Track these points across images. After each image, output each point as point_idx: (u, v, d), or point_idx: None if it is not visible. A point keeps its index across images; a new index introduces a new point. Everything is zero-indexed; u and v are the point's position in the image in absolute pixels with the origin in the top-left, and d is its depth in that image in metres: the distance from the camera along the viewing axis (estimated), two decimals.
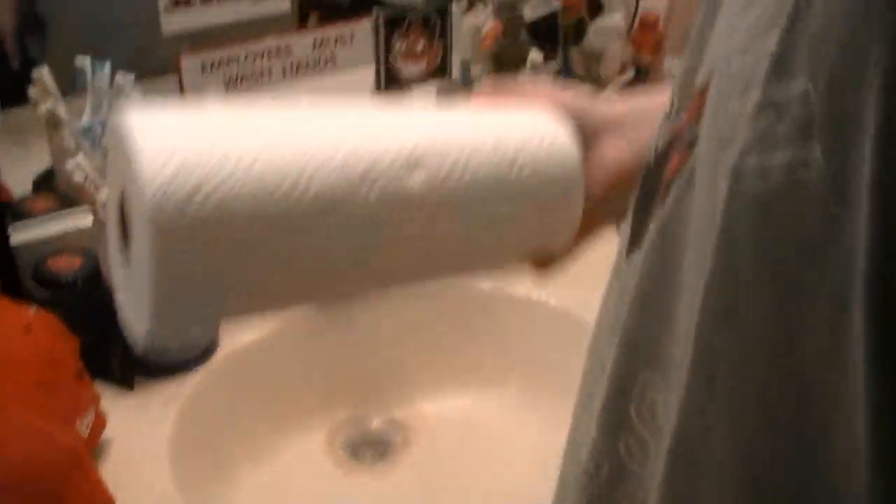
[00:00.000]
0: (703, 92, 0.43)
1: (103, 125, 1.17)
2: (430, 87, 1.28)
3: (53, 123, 1.05)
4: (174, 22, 1.07)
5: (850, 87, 0.35)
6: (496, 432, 1.19)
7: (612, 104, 0.73)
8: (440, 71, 1.25)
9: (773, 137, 0.37)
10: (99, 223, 1.02)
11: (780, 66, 0.37)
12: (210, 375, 1.06)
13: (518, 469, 1.13)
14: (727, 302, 0.40)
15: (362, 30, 1.17)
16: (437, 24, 1.22)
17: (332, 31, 1.14)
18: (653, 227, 0.47)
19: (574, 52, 1.37)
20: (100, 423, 0.96)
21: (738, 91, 0.39)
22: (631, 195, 0.53)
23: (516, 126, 0.62)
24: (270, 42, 1.12)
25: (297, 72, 1.14)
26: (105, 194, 1.00)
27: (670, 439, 0.45)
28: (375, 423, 1.18)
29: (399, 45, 1.20)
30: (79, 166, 1.02)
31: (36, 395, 0.92)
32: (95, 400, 0.97)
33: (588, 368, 0.57)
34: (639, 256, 0.49)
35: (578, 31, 1.36)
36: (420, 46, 1.22)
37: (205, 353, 1.08)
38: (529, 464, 1.13)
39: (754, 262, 0.39)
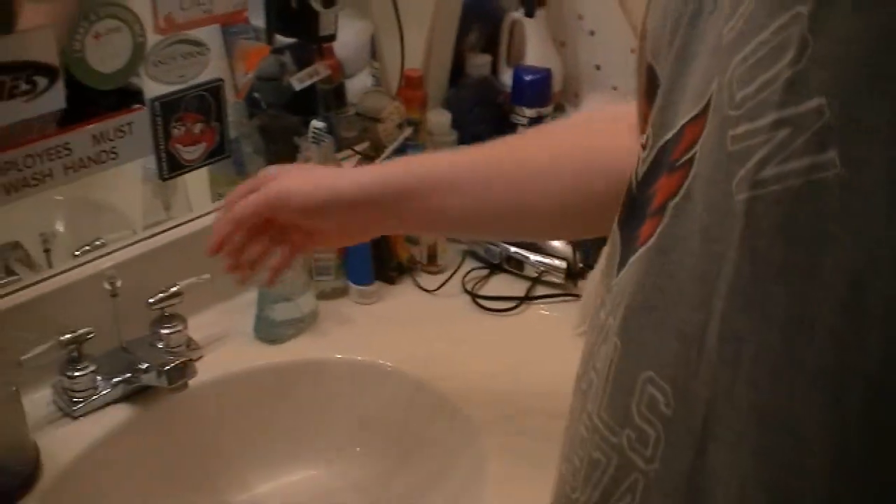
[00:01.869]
0: (693, 122, 0.51)
1: None
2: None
3: None
4: None
5: (866, 98, 0.42)
6: (339, 501, 1.21)
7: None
8: (220, 150, 1.24)
9: (791, 148, 0.44)
10: None
11: (793, 88, 0.44)
12: (39, 503, 1.01)
13: None
14: (752, 289, 0.47)
15: (140, 119, 1.14)
16: (210, 104, 1.21)
17: (110, 123, 1.11)
18: (651, 243, 0.54)
19: (344, 116, 1.40)
20: None
21: (746, 116, 0.46)
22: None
23: None
24: (48, 142, 1.07)
25: (79, 169, 1.10)
26: None
27: (700, 422, 0.51)
28: None
29: (177, 129, 1.18)
30: None
31: None
32: None
33: (581, 379, 0.63)
34: (631, 269, 0.56)
35: (338, 94, 1.39)
36: (198, 128, 1.21)
37: (26, 481, 1.02)
38: None
39: (777, 252, 0.46)
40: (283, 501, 1.22)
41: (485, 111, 1.60)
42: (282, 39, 1.41)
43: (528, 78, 1.58)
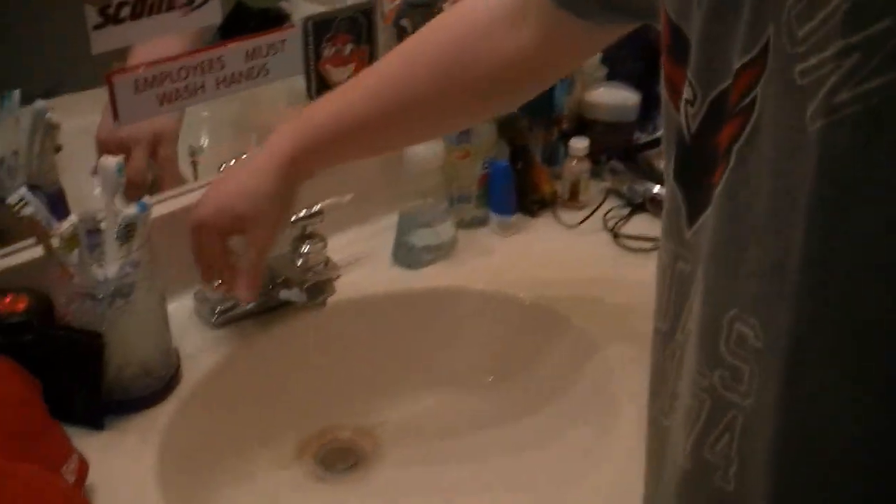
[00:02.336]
0: (748, 68, 0.53)
1: (16, 155, 1.12)
2: None
3: None
4: (104, 40, 1.03)
5: None
6: (468, 432, 1.22)
7: None
8: None
9: (864, 71, 0.45)
10: (52, 257, 0.98)
11: (856, 15, 0.45)
12: (180, 406, 1.06)
13: (494, 464, 1.17)
14: (833, 214, 0.48)
15: (293, 38, 1.15)
16: (362, 25, 1.21)
17: (264, 40, 1.12)
18: (719, 189, 0.56)
19: None
20: (83, 468, 0.94)
21: (811, 50, 0.48)
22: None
23: None
24: (202, 56, 1.08)
25: (230, 84, 1.12)
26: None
27: (785, 347, 0.52)
28: (345, 433, 1.20)
29: (328, 50, 1.19)
30: (25, 198, 0.97)
31: (18, 445, 0.89)
32: (72, 444, 0.94)
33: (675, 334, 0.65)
34: (707, 220, 0.58)
35: None
36: (348, 50, 1.21)
37: (168, 384, 1.05)
38: (504, 457, 1.17)
39: (859, 172, 0.47)
40: (410, 427, 1.23)
41: (636, 49, 1.56)
42: None
43: None
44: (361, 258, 1.30)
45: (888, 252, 0.47)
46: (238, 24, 1.25)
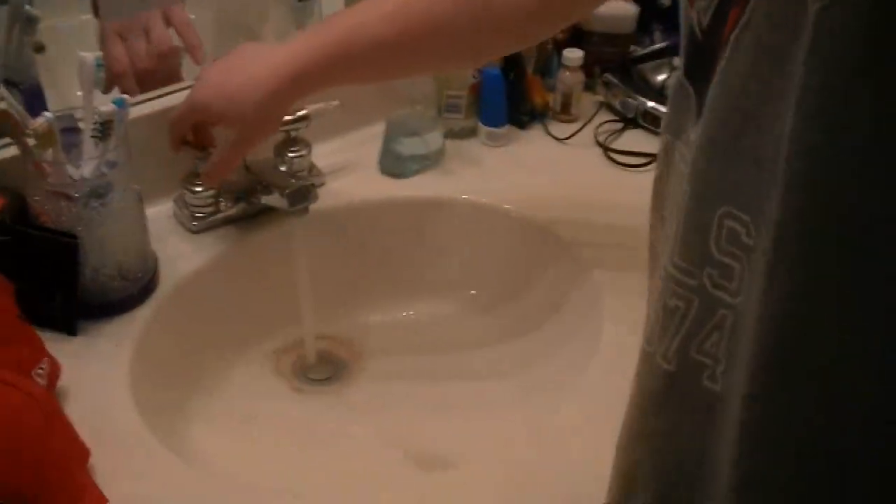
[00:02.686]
0: None
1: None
2: None
3: None
4: None
5: None
6: (449, 345, 1.22)
7: None
8: None
9: None
10: (27, 154, 0.95)
11: None
12: (156, 311, 1.05)
13: (473, 378, 1.17)
14: (825, 97, 0.46)
15: None
16: None
17: None
18: (715, 79, 0.54)
19: None
20: (55, 371, 0.93)
21: None
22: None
23: None
24: None
25: None
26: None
27: (772, 240, 0.50)
28: (324, 343, 1.19)
29: None
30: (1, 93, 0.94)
31: None
32: (44, 347, 0.93)
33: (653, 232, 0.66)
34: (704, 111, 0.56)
35: None
36: None
37: (145, 289, 1.04)
38: (484, 371, 1.16)
39: (855, 53, 0.45)
40: (390, 339, 1.22)
41: None
42: None
43: None
44: (347, 166, 1.27)
45: (884, 146, 0.46)
46: None
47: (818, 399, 0.53)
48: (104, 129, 0.96)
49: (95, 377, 0.95)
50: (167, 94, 1.17)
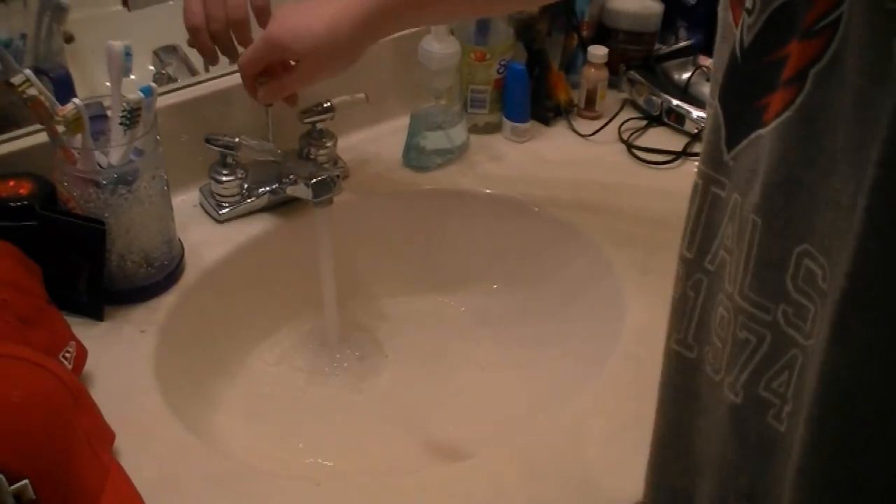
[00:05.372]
0: None
1: (24, 39, 1.10)
2: None
3: None
4: None
5: None
6: (471, 335, 1.23)
7: None
8: None
9: None
10: (56, 141, 0.96)
11: None
12: (181, 298, 1.06)
13: (496, 364, 1.18)
14: None
15: None
16: None
17: None
18: (790, 114, 0.52)
19: None
20: (81, 356, 0.94)
21: None
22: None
23: None
24: None
25: None
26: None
27: (842, 290, 0.49)
28: (346, 330, 1.19)
29: None
30: (29, 79, 0.95)
31: (17, 329, 0.88)
32: (71, 331, 0.94)
33: (701, 258, 0.63)
34: (765, 143, 0.54)
35: None
36: None
37: (170, 276, 1.05)
38: (504, 357, 1.18)
39: None
40: (412, 324, 1.23)
41: None
42: None
43: None
44: (372, 158, 1.28)
45: None
46: None
47: (880, 454, 0.52)
48: (132, 116, 0.97)
49: (120, 362, 0.96)
50: (192, 85, 1.18)
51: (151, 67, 1.23)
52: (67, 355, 0.91)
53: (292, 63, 1.04)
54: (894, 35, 0.44)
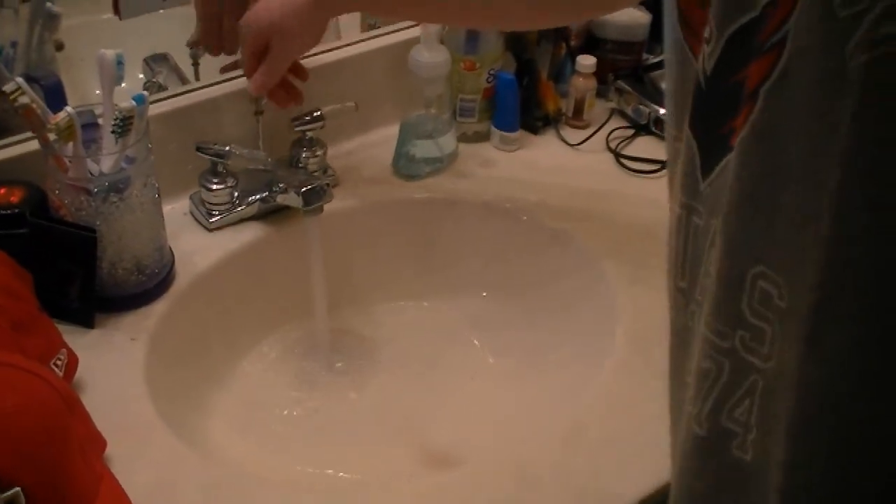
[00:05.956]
0: (773, 3, 0.49)
1: (15, 46, 1.10)
2: None
3: None
4: None
5: None
6: (461, 342, 1.23)
7: None
8: None
9: None
10: (48, 149, 0.96)
11: None
12: (171, 305, 1.06)
13: (487, 372, 1.19)
14: (871, 157, 0.45)
15: None
16: None
17: None
18: (744, 133, 0.52)
19: None
20: (73, 363, 0.94)
21: None
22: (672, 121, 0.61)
23: None
24: None
25: None
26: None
27: (814, 302, 0.49)
28: (336, 336, 1.20)
29: None
30: (21, 87, 0.95)
31: (10, 336, 0.88)
32: (62, 338, 0.94)
33: (691, 291, 0.62)
34: (727, 169, 0.54)
35: None
36: None
37: (161, 283, 1.05)
38: (495, 366, 1.19)
39: None
40: (402, 331, 1.24)
41: None
42: None
43: None
44: (361, 166, 1.28)
45: None
46: None
47: (866, 466, 0.52)
48: (124, 125, 0.98)
49: (111, 369, 0.96)
50: (184, 93, 1.18)
51: (141, 76, 1.24)
52: (59, 363, 0.92)
53: None
54: (848, 40, 0.44)
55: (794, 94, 0.48)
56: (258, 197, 1.16)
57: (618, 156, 1.35)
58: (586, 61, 1.38)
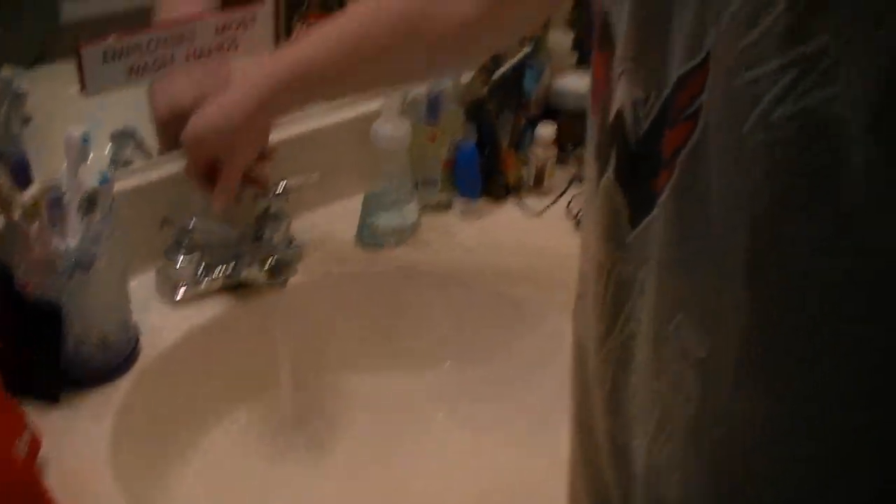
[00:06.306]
0: (693, 74, 0.52)
1: None
2: None
3: None
4: (74, 9, 1.01)
5: (870, 34, 0.44)
6: (425, 412, 1.24)
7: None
8: None
9: (802, 87, 0.46)
10: (13, 227, 0.97)
11: (795, 32, 0.45)
12: (136, 382, 1.06)
13: (452, 438, 1.20)
14: (774, 227, 0.49)
15: (264, 14, 1.14)
16: (335, 4, 1.21)
17: (235, 15, 1.11)
18: (665, 195, 0.56)
19: None
20: (36, 444, 0.93)
21: (749, 63, 0.48)
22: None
23: None
24: (173, 29, 1.07)
25: (199, 57, 1.11)
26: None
27: (729, 355, 0.53)
28: (302, 407, 1.20)
29: (298, 26, 1.18)
30: None
31: None
32: (25, 419, 0.94)
33: (615, 336, 0.65)
34: (654, 223, 0.58)
35: None
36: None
37: (126, 359, 1.05)
38: (461, 431, 1.19)
39: (796, 188, 0.48)
40: (368, 401, 1.24)
41: None
42: None
43: None
44: (326, 238, 1.29)
45: (826, 265, 0.48)
46: None
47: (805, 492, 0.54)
48: (90, 202, 0.98)
49: (76, 447, 0.96)
50: (149, 168, 1.19)
51: (110, 145, 1.24)
52: (23, 443, 0.91)
53: None
54: (747, 119, 0.48)
55: (708, 163, 0.52)
56: (222, 271, 1.16)
57: (578, 223, 1.37)
58: (545, 130, 1.40)
